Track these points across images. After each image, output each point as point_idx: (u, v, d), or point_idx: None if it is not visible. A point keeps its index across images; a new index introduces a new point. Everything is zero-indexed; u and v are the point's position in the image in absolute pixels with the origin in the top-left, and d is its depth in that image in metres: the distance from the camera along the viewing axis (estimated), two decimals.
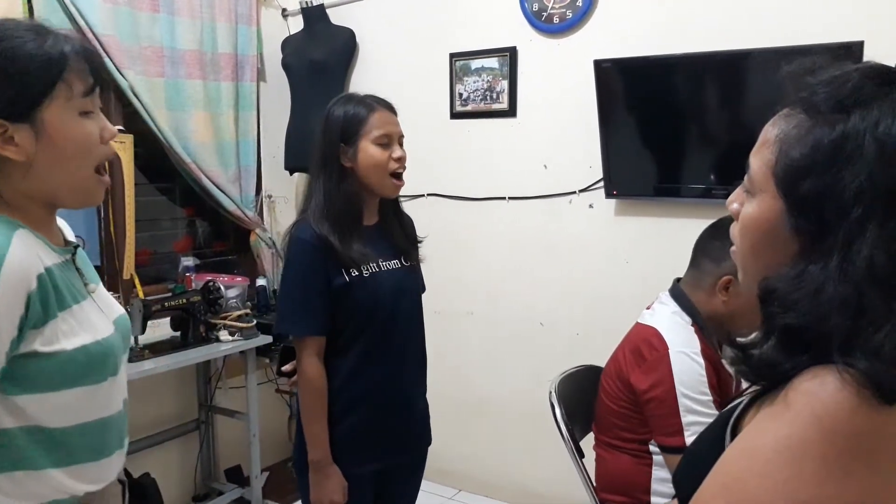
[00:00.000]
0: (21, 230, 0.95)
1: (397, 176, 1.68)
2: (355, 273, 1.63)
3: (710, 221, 2.38)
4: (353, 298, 1.63)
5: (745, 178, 0.76)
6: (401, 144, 1.70)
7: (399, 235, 1.78)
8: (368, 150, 1.63)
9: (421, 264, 1.85)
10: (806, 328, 0.65)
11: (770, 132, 0.74)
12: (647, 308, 1.74)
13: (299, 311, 1.64)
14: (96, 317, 1.04)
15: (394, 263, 1.73)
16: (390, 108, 1.72)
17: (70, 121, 0.97)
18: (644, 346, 1.59)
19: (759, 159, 0.74)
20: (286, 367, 1.81)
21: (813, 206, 0.67)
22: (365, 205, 1.69)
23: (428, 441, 1.88)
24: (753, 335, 0.72)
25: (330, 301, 1.62)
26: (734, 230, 0.79)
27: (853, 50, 2.00)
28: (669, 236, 2.53)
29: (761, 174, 0.73)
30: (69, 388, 0.96)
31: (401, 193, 1.75)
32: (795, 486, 0.61)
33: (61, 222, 1.11)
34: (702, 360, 1.51)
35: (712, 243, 1.61)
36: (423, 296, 1.86)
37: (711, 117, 2.41)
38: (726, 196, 2.50)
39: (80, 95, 0.97)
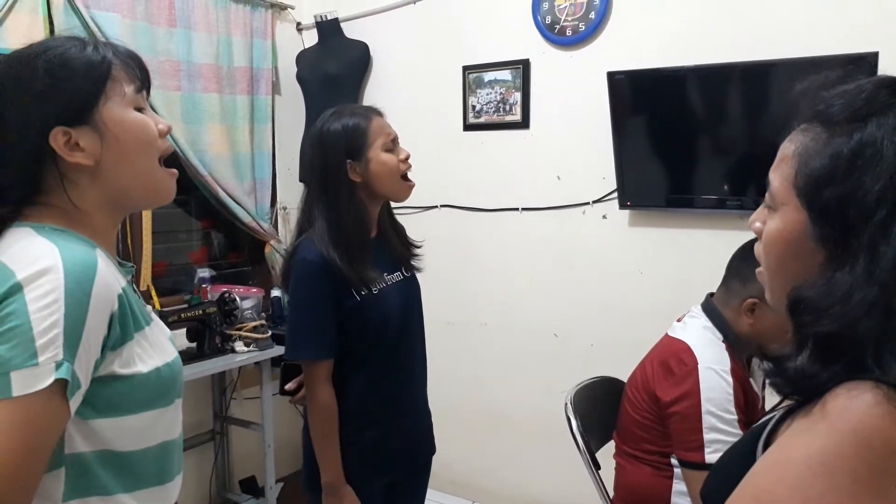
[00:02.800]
0: (98, 249, 0.93)
1: (406, 177, 1.67)
2: (365, 291, 1.60)
3: (724, 232, 2.42)
4: (364, 318, 1.60)
5: (766, 195, 0.77)
6: (399, 144, 1.70)
7: (397, 245, 1.76)
8: (381, 158, 1.61)
9: (419, 272, 1.82)
10: (838, 334, 0.64)
11: (788, 148, 0.75)
12: (678, 320, 1.73)
13: (311, 335, 1.60)
14: (163, 338, 1.03)
15: (397, 276, 1.72)
16: (380, 113, 1.70)
17: (129, 115, 0.96)
18: (673, 360, 1.59)
19: (779, 175, 0.75)
20: (290, 386, 1.78)
21: (836, 212, 0.67)
22: (370, 218, 1.67)
23: (432, 450, 1.87)
24: (786, 348, 0.71)
25: (339, 322, 1.60)
26: (758, 249, 0.79)
27: (867, 61, 1.99)
28: (683, 247, 2.53)
29: (782, 189, 0.73)
30: (143, 411, 0.95)
31: (414, 205, 1.75)
32: (829, 501, 0.60)
33: None
34: (730, 379, 1.51)
35: (742, 264, 1.61)
36: (436, 307, 1.86)
37: (724, 128, 2.41)
38: (740, 207, 2.52)
39: (133, 92, 0.97)
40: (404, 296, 1.71)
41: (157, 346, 0.98)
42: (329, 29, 3.21)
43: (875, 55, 1.99)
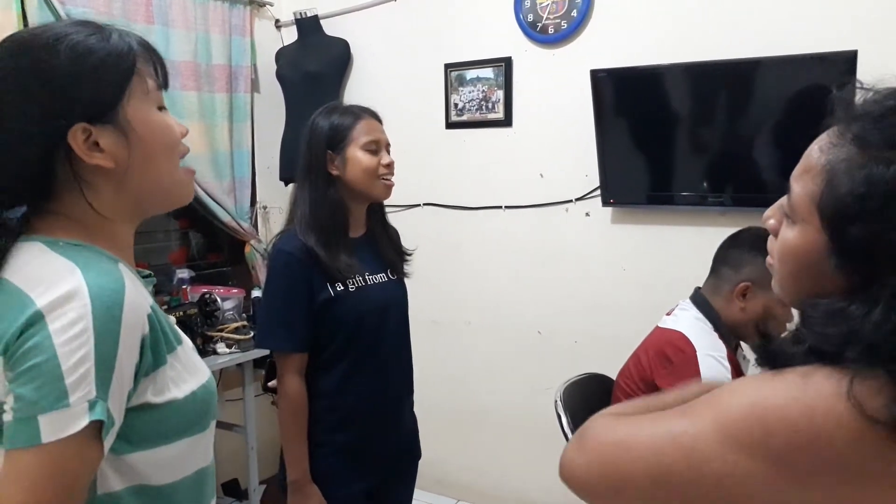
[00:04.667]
0: (121, 263, 0.83)
1: (386, 179, 1.66)
2: (340, 287, 1.60)
3: (706, 228, 2.44)
4: (338, 314, 1.59)
5: (786, 199, 0.73)
6: (388, 151, 1.68)
7: (386, 247, 1.75)
8: (357, 156, 1.61)
9: (407, 278, 1.81)
10: (842, 356, 0.63)
11: (816, 158, 0.69)
12: (668, 314, 1.76)
13: (281, 325, 1.60)
14: (195, 357, 0.93)
15: (380, 277, 1.70)
16: (376, 116, 1.70)
17: (154, 115, 0.86)
18: (670, 349, 1.60)
19: (802, 187, 0.70)
20: (272, 383, 1.76)
21: (862, 251, 0.63)
22: (352, 215, 1.66)
23: (417, 455, 1.85)
24: (787, 337, 0.71)
25: (313, 316, 1.58)
26: (772, 246, 0.77)
27: (847, 59, 2.02)
28: (666, 243, 2.56)
29: (805, 205, 0.69)
30: (179, 439, 0.86)
31: (397, 203, 1.74)
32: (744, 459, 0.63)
33: None
34: (728, 365, 1.54)
35: (731, 251, 1.65)
36: (420, 305, 1.85)
37: (705, 126, 2.43)
38: (720, 204, 2.54)
39: (155, 89, 0.87)
40: (385, 297, 1.69)
41: (191, 368, 0.89)
42: (309, 26, 3.18)
43: (854, 53, 2.02)
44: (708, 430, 0.65)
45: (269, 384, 1.80)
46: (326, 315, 1.59)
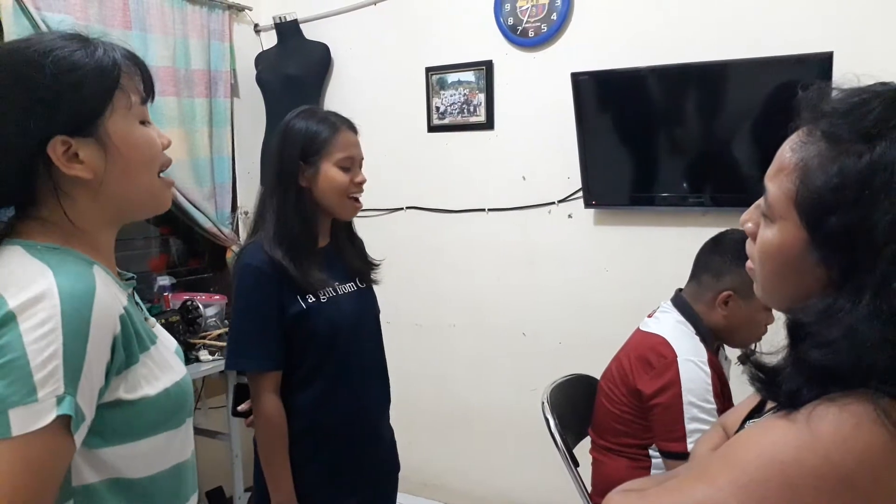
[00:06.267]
0: (96, 266, 0.87)
1: (355, 199, 1.62)
2: (312, 299, 1.54)
3: (687, 229, 2.47)
4: (312, 326, 1.53)
5: (763, 201, 0.75)
6: (361, 167, 1.63)
7: (353, 257, 1.70)
8: (329, 173, 1.55)
9: (376, 286, 1.77)
10: (840, 368, 0.63)
11: (788, 158, 0.71)
12: (649, 316, 1.76)
13: (254, 344, 1.52)
14: (169, 356, 0.98)
15: (350, 286, 1.65)
16: (353, 129, 1.63)
17: (135, 129, 0.90)
18: (651, 354, 1.61)
19: (778, 186, 0.71)
20: (242, 407, 1.69)
21: (841, 241, 0.65)
22: (318, 226, 1.61)
23: (397, 467, 1.81)
24: (779, 358, 0.71)
25: (285, 331, 1.52)
26: (751, 249, 0.78)
27: (823, 61, 2.06)
28: (648, 244, 2.58)
29: (781, 203, 0.71)
30: (153, 434, 0.90)
31: (380, 207, 1.71)
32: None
33: None
34: (709, 370, 1.54)
35: (713, 258, 1.64)
36: (404, 309, 1.82)
37: (686, 127, 2.46)
38: (700, 204, 2.57)
39: (138, 104, 0.91)
40: (357, 307, 1.65)
41: (164, 366, 0.93)
42: (288, 30, 3.17)
43: (830, 55, 2.06)
44: (729, 494, 0.65)
45: (240, 408, 1.70)
46: (299, 329, 1.53)
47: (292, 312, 1.52)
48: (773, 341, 0.73)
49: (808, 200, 0.67)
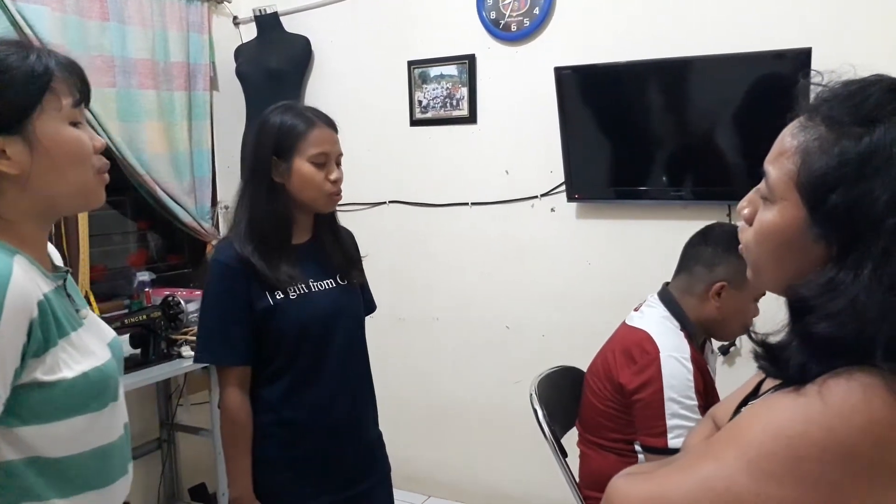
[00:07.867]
0: (18, 255, 0.93)
1: (332, 193, 1.58)
2: (280, 296, 1.52)
3: (669, 222, 2.50)
4: (279, 322, 1.52)
5: (762, 184, 0.77)
6: (338, 164, 1.58)
7: (335, 253, 1.65)
8: (303, 169, 1.52)
9: (361, 282, 1.73)
10: (844, 338, 0.65)
11: (788, 142, 0.74)
12: (635, 310, 1.77)
13: (218, 338, 1.53)
14: (93, 343, 1.03)
15: (328, 283, 1.61)
16: (331, 125, 1.59)
17: (63, 130, 0.96)
18: (635, 349, 1.62)
19: (779, 169, 0.74)
20: None
21: (842, 217, 0.67)
22: (296, 222, 1.58)
23: (385, 468, 1.77)
24: (781, 335, 0.73)
25: (253, 327, 1.52)
26: (746, 235, 0.80)
27: (802, 56, 2.09)
28: (631, 237, 2.61)
29: (782, 183, 0.73)
30: (71, 416, 0.94)
31: (363, 201, 1.69)
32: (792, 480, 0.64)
33: (50, 247, 1.07)
34: (691, 366, 1.55)
35: (704, 249, 1.65)
36: (388, 303, 1.78)
37: (667, 121, 2.49)
38: (681, 198, 2.59)
39: (70, 106, 0.97)
40: (332, 304, 1.60)
41: (86, 351, 0.98)
42: (268, 23, 3.14)
43: (808, 51, 2.09)
44: (737, 469, 0.67)
45: None
46: (267, 324, 1.52)
47: (259, 308, 1.51)
48: (776, 318, 0.75)
49: (810, 180, 0.70)
